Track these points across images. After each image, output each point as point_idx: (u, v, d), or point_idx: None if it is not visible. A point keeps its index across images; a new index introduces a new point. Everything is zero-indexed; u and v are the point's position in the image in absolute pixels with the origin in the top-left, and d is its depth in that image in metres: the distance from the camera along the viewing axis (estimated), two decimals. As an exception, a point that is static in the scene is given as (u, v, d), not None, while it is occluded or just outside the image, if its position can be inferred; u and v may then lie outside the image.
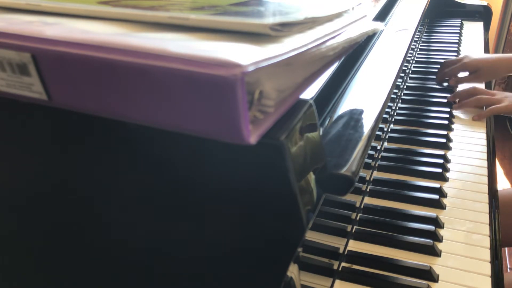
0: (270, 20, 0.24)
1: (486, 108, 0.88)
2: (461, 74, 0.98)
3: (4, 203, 0.40)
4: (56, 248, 0.40)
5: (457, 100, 0.91)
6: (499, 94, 0.90)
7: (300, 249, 0.31)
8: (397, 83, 0.83)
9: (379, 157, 0.73)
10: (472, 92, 0.90)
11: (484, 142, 0.79)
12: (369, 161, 0.66)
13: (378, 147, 0.74)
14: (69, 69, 0.24)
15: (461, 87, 0.96)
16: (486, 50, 1.18)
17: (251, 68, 0.20)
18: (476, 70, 0.94)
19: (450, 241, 0.57)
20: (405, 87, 0.97)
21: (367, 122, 0.37)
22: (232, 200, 0.29)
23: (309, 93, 0.32)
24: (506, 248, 1.51)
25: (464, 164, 0.73)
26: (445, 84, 0.97)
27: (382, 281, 0.52)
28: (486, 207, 0.63)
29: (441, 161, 0.72)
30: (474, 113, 0.88)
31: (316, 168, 0.29)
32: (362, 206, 0.63)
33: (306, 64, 0.27)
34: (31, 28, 0.26)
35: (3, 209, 0.41)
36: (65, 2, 0.30)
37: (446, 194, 0.66)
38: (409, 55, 1.01)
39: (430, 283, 0.51)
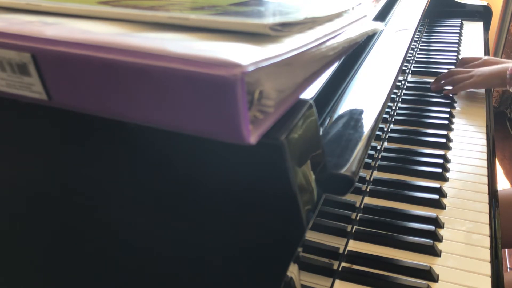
0: (270, 20, 0.24)
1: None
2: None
3: (4, 204, 0.40)
4: (56, 249, 0.40)
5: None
6: (474, 71, 0.92)
7: (300, 249, 0.31)
8: (397, 83, 0.83)
9: (379, 157, 0.73)
10: (448, 75, 0.94)
11: (484, 142, 0.79)
12: (369, 161, 0.66)
13: (378, 147, 0.74)
14: (69, 69, 0.24)
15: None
16: (486, 50, 1.18)
17: (251, 68, 0.20)
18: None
19: (450, 241, 0.57)
20: (405, 87, 0.97)
21: (367, 122, 0.37)
22: (232, 200, 0.29)
23: (309, 93, 0.32)
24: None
25: (464, 164, 0.73)
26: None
27: (382, 281, 0.52)
28: (486, 207, 0.63)
29: (441, 161, 0.72)
30: (472, 109, 0.89)
31: (316, 168, 0.29)
32: (362, 206, 0.63)
33: (306, 64, 0.27)
34: (31, 28, 0.26)
35: (3, 210, 0.41)
36: (65, 2, 0.30)
37: (446, 194, 0.66)
38: (409, 55, 1.01)
39: (430, 283, 0.51)
